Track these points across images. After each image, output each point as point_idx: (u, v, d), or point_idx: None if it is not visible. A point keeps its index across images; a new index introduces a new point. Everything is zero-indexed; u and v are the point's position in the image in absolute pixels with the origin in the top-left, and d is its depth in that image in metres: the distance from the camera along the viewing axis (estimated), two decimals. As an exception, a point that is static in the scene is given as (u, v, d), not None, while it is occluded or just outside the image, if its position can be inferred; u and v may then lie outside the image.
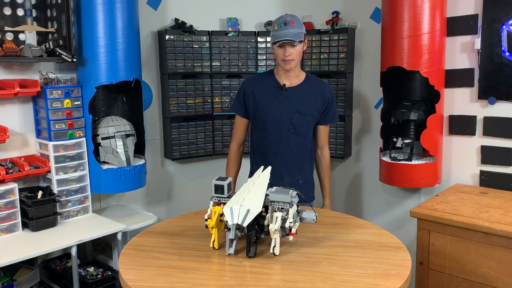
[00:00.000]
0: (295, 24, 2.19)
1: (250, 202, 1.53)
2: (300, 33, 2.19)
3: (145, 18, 3.05)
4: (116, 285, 2.59)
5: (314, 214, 1.63)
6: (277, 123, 2.32)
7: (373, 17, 3.09)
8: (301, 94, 2.32)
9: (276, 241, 1.56)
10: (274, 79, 2.35)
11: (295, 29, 2.18)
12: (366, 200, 3.30)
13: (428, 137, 2.61)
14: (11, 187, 2.38)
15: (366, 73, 3.18)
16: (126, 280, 1.43)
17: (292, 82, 2.33)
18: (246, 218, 1.48)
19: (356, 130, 3.29)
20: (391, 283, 1.39)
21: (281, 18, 2.22)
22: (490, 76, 2.57)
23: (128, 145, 2.76)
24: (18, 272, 2.49)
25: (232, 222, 1.49)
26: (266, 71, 2.46)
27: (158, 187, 3.30)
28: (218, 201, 1.66)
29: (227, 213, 1.51)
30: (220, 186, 1.65)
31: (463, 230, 2.12)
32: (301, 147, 2.35)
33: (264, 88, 2.35)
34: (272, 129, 2.33)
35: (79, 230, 2.48)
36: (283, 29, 2.17)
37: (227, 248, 1.60)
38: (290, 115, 2.31)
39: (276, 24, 2.21)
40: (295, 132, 2.32)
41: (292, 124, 2.31)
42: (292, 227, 1.56)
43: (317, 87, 2.35)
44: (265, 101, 2.33)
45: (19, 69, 2.57)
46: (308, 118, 2.32)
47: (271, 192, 1.61)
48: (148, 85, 3.17)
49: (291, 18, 2.21)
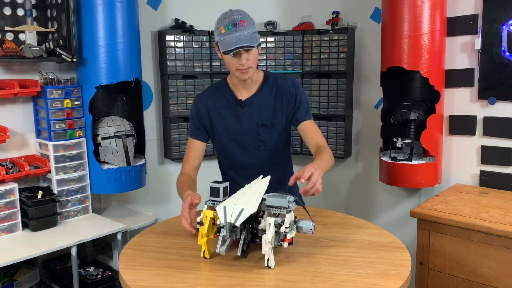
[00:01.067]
0: (246, 23, 1.79)
1: (245, 201, 1.47)
2: (254, 33, 1.81)
3: (145, 18, 3.05)
4: (116, 285, 2.59)
5: (312, 224, 1.54)
6: (243, 143, 2.01)
7: (373, 17, 3.09)
8: (262, 103, 1.98)
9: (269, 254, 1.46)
10: (229, 92, 2.00)
11: (247, 29, 1.78)
12: (366, 200, 3.30)
13: (428, 137, 2.61)
14: (11, 187, 2.38)
15: (366, 73, 3.18)
16: (126, 280, 1.43)
17: (250, 90, 1.99)
18: (240, 217, 1.42)
19: (356, 130, 3.29)
20: (391, 283, 1.39)
21: (226, 17, 1.80)
22: (490, 76, 2.57)
23: (128, 145, 2.76)
24: (18, 272, 2.49)
25: (225, 220, 1.43)
26: (218, 82, 2.07)
27: (158, 187, 3.30)
28: (212, 205, 1.58)
29: (220, 212, 1.44)
30: (216, 188, 1.58)
31: (463, 230, 2.12)
32: (279, 162, 2.08)
33: (219, 105, 2.00)
34: (239, 152, 2.03)
35: (79, 230, 2.48)
36: (233, 32, 1.77)
37: (218, 246, 1.49)
38: (255, 131, 1.99)
39: (223, 26, 1.79)
40: (267, 149, 2.01)
41: (260, 140, 2.00)
42: (287, 232, 1.48)
43: (280, 87, 2.00)
44: (224, 122, 2.00)
45: (19, 69, 2.57)
46: (277, 128, 2.00)
47: (268, 197, 1.52)
48: (148, 85, 3.17)
49: (241, 15, 1.79)
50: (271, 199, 1.51)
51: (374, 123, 3.12)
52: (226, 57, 1.83)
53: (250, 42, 1.78)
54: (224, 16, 1.82)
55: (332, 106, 3.20)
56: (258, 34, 1.85)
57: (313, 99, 3.26)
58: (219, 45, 1.82)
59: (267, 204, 1.52)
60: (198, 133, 2.04)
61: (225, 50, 1.78)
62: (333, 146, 3.23)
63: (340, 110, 3.18)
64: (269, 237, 1.44)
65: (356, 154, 3.32)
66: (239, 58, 1.82)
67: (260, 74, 2.02)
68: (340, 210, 3.26)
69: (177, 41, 3.11)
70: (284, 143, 2.08)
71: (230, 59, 1.83)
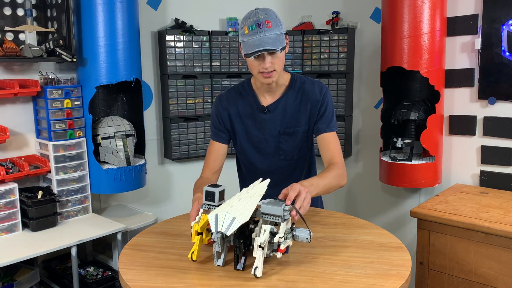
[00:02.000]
0: (272, 24, 1.65)
1: (237, 210, 1.40)
2: (281, 34, 1.68)
3: (145, 18, 3.05)
4: (116, 285, 2.59)
5: (309, 232, 1.45)
6: (263, 150, 1.92)
7: (373, 17, 3.09)
8: (286, 109, 1.87)
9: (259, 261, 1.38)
10: (252, 95, 1.89)
11: (272, 30, 1.65)
12: (366, 200, 3.30)
13: (428, 137, 2.61)
14: (11, 187, 2.38)
15: (366, 73, 3.19)
16: (126, 280, 1.43)
17: (275, 94, 1.87)
18: (231, 226, 1.36)
19: (356, 130, 3.29)
20: (391, 283, 1.39)
21: (251, 17, 1.67)
22: (490, 76, 2.57)
23: (128, 145, 2.76)
24: (18, 272, 2.49)
25: (216, 229, 1.37)
26: (242, 83, 1.95)
27: (158, 187, 3.30)
28: (208, 209, 1.55)
29: (212, 220, 1.39)
30: (211, 192, 1.53)
31: (463, 230, 2.12)
32: (301, 169, 1.97)
33: (241, 109, 1.90)
34: (259, 159, 1.93)
35: (79, 230, 2.48)
36: (256, 34, 1.64)
37: (215, 260, 1.48)
38: (277, 139, 1.89)
39: (247, 27, 1.67)
40: (287, 158, 1.92)
41: (281, 149, 1.90)
42: (281, 243, 1.40)
43: (307, 94, 1.86)
44: (244, 128, 1.91)
45: (19, 69, 2.57)
46: (299, 136, 1.89)
47: (263, 204, 1.44)
48: (148, 85, 3.17)
49: (265, 15, 1.66)
50: (266, 207, 1.43)
51: (374, 123, 3.12)
52: (249, 59, 1.71)
53: (274, 45, 1.65)
54: (248, 15, 1.69)
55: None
56: (285, 36, 1.72)
57: (313, 99, 3.26)
58: (242, 46, 1.70)
59: (262, 211, 1.44)
60: (219, 134, 1.94)
61: (246, 52, 1.67)
62: (333, 146, 3.23)
63: (340, 110, 3.18)
64: (262, 240, 1.36)
65: (356, 154, 3.32)
66: (262, 61, 1.69)
67: (287, 76, 1.88)
68: (340, 210, 3.26)
69: (177, 41, 3.11)
70: (306, 152, 1.95)
71: (252, 61, 1.71)
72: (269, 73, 1.71)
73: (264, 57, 1.68)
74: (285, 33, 1.72)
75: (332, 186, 1.73)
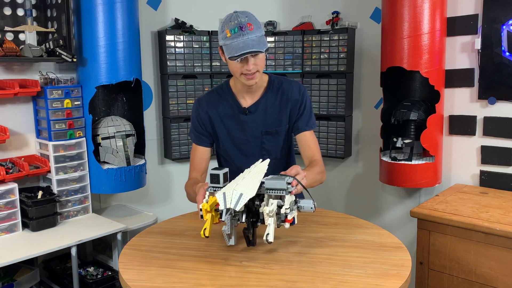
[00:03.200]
0: (254, 26, 1.69)
1: (244, 186, 1.47)
2: (262, 36, 1.72)
3: (145, 18, 3.05)
4: (116, 285, 2.59)
5: (312, 202, 1.54)
6: (246, 151, 1.94)
7: (373, 17, 3.09)
8: (266, 110, 1.90)
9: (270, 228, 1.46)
10: (232, 98, 1.90)
11: (254, 33, 1.68)
12: (366, 200, 3.30)
13: (428, 137, 2.61)
14: (11, 187, 2.38)
15: (366, 73, 3.18)
16: (126, 280, 1.43)
17: (255, 96, 1.90)
18: (239, 202, 1.42)
19: (356, 130, 3.29)
20: (391, 283, 1.39)
21: (232, 20, 1.70)
22: (490, 76, 2.57)
23: (128, 145, 2.76)
24: (18, 272, 2.49)
25: (225, 206, 1.44)
26: (220, 85, 1.97)
27: (158, 187, 3.30)
28: (213, 191, 1.59)
29: (220, 198, 1.45)
30: (216, 175, 1.57)
31: (463, 230, 2.12)
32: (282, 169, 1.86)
33: (222, 111, 1.91)
34: (242, 161, 1.93)
35: (79, 230, 2.48)
36: (240, 37, 1.67)
37: (227, 240, 1.55)
38: (259, 139, 1.91)
39: (229, 30, 1.69)
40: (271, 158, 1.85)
41: (264, 149, 1.93)
42: (288, 213, 1.49)
43: (286, 92, 1.90)
44: (226, 130, 1.92)
45: (19, 69, 2.57)
46: (281, 136, 1.94)
47: (267, 179, 1.52)
48: (148, 85, 3.17)
49: (246, 18, 1.70)
50: (270, 182, 1.51)
51: (374, 123, 3.12)
52: (231, 62, 1.73)
53: (258, 47, 1.68)
54: (229, 19, 1.72)
55: (332, 106, 3.20)
56: (265, 37, 1.75)
57: (313, 99, 3.26)
58: (224, 50, 1.72)
59: (266, 187, 1.52)
60: (201, 138, 1.95)
61: (231, 55, 1.68)
62: (333, 146, 3.23)
63: (340, 110, 3.18)
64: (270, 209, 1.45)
65: (356, 154, 3.32)
66: (245, 64, 1.72)
67: (265, 78, 1.92)
68: (340, 210, 3.26)
69: (177, 41, 3.11)
70: (287, 151, 2.00)
71: (235, 64, 1.73)
72: (252, 74, 1.74)
73: (248, 59, 1.71)
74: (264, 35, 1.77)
75: (316, 180, 1.82)
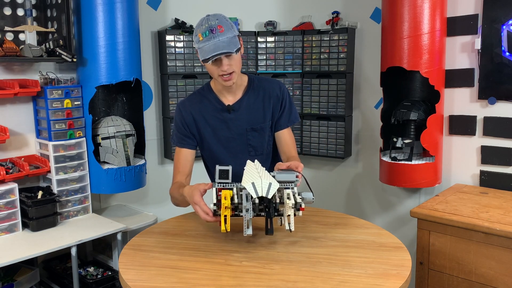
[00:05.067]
0: (224, 28, 1.73)
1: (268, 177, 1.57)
2: (234, 37, 1.75)
3: (145, 18, 3.05)
4: (116, 285, 2.59)
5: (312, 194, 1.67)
6: (232, 149, 1.96)
7: (373, 17, 3.09)
8: (250, 107, 1.94)
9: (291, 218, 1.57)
10: (214, 97, 1.93)
11: (225, 34, 1.72)
12: (366, 200, 3.30)
13: (428, 137, 2.61)
14: (11, 187, 2.38)
15: (366, 73, 3.19)
16: (126, 280, 1.43)
17: (236, 94, 1.94)
18: (270, 190, 1.51)
19: (356, 130, 3.29)
20: (391, 283, 1.39)
21: (203, 24, 1.75)
22: (490, 76, 2.57)
23: (128, 145, 2.76)
24: (18, 272, 2.49)
25: (257, 195, 1.50)
26: (201, 87, 2.00)
27: (158, 187, 3.30)
28: (222, 187, 1.62)
29: (250, 188, 1.51)
30: (225, 170, 1.62)
31: (463, 230, 2.12)
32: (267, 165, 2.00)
33: (205, 112, 1.94)
34: (229, 158, 1.95)
35: (79, 230, 2.48)
36: (211, 39, 1.72)
37: (245, 230, 1.57)
38: (244, 136, 1.95)
39: (200, 33, 1.74)
40: (257, 154, 1.97)
41: (250, 145, 1.96)
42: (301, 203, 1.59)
43: (265, 90, 1.96)
44: (211, 129, 1.94)
45: (19, 69, 2.57)
46: (266, 132, 1.97)
47: (277, 173, 1.65)
48: (148, 85, 3.17)
49: (216, 21, 1.74)
50: (281, 175, 1.64)
51: (374, 123, 3.12)
52: (207, 64, 1.78)
53: (229, 48, 1.72)
54: (201, 23, 1.77)
55: (332, 106, 3.20)
56: (239, 38, 1.78)
57: (313, 99, 3.26)
58: (199, 53, 1.77)
59: (278, 180, 1.62)
60: (186, 140, 1.95)
61: (203, 58, 1.73)
62: (333, 146, 3.23)
63: (340, 110, 3.18)
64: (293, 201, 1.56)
65: (356, 154, 3.32)
66: (220, 65, 1.76)
67: (244, 78, 1.96)
68: (340, 210, 3.26)
69: (177, 41, 3.11)
70: (271, 147, 2.04)
71: (210, 66, 1.78)
72: (229, 75, 1.79)
73: (221, 61, 1.75)
74: (238, 35, 1.79)
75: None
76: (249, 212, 1.55)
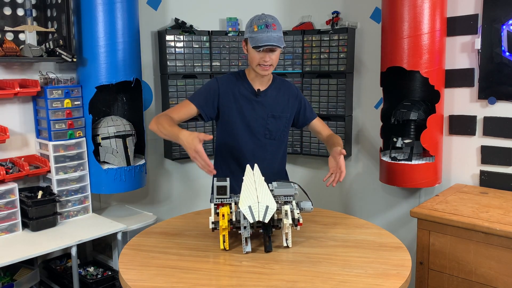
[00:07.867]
0: (277, 27, 2.03)
1: (264, 199, 1.57)
2: (282, 37, 2.05)
3: (145, 18, 3.05)
4: (116, 285, 2.59)
5: (311, 203, 1.72)
6: (253, 129, 2.19)
7: (373, 17, 3.09)
8: (273, 98, 2.22)
9: (288, 235, 1.63)
10: (247, 82, 2.19)
11: (277, 32, 2.02)
12: (366, 200, 3.30)
13: (428, 137, 2.61)
14: (11, 187, 2.38)
15: (366, 73, 3.18)
16: (126, 280, 1.43)
17: (264, 85, 2.21)
18: (267, 214, 1.53)
19: (356, 130, 3.29)
20: (391, 283, 1.39)
21: (261, 19, 2.04)
22: (490, 76, 2.57)
23: (128, 145, 2.76)
24: (18, 272, 2.49)
25: (254, 219, 1.52)
26: (237, 71, 2.26)
27: (158, 187, 3.30)
28: (220, 203, 1.67)
29: (247, 212, 1.53)
30: (223, 187, 1.68)
31: (463, 230, 2.12)
32: (277, 151, 2.27)
33: (238, 91, 2.18)
34: (247, 136, 2.20)
35: (79, 230, 2.48)
36: (264, 32, 2.00)
37: (244, 247, 1.61)
38: (265, 120, 2.20)
39: (256, 25, 2.03)
40: (271, 138, 2.23)
41: (267, 129, 2.21)
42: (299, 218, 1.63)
43: (286, 88, 2.26)
44: (239, 106, 2.17)
45: (19, 69, 2.57)
46: (283, 121, 2.24)
47: (275, 188, 1.69)
48: (148, 85, 3.17)
49: (272, 20, 2.04)
50: (279, 190, 1.68)
51: (374, 123, 3.12)
52: (252, 51, 2.04)
53: (279, 43, 1.99)
54: (258, 17, 2.06)
55: (332, 106, 3.20)
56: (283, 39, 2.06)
57: (313, 99, 3.26)
58: (250, 41, 2.03)
59: (275, 194, 1.67)
60: (204, 104, 2.14)
61: (255, 45, 1.99)
62: (333, 146, 3.22)
63: (340, 110, 3.18)
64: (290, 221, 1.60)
65: (356, 154, 3.32)
66: (264, 55, 2.02)
67: (271, 74, 2.22)
68: (340, 210, 3.26)
69: (177, 41, 3.11)
70: (284, 137, 2.29)
71: (255, 54, 2.03)
72: (267, 66, 2.06)
73: (267, 52, 2.02)
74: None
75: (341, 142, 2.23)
76: (247, 229, 1.59)
